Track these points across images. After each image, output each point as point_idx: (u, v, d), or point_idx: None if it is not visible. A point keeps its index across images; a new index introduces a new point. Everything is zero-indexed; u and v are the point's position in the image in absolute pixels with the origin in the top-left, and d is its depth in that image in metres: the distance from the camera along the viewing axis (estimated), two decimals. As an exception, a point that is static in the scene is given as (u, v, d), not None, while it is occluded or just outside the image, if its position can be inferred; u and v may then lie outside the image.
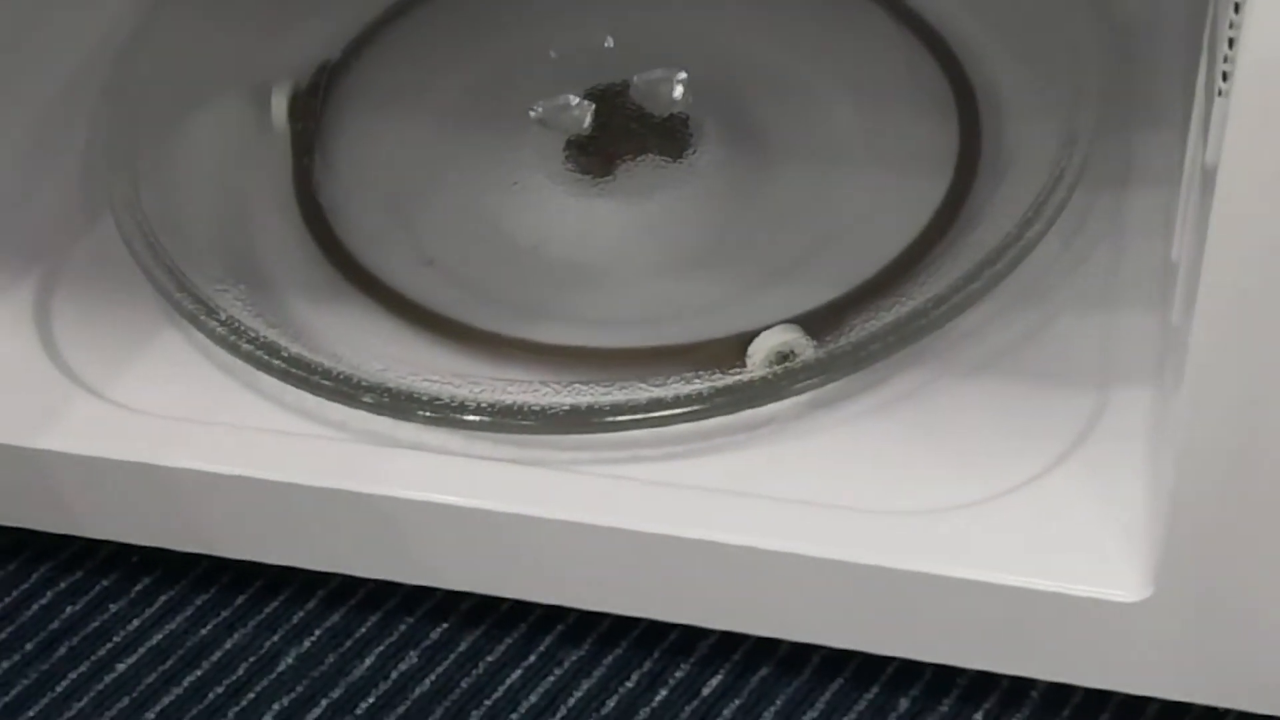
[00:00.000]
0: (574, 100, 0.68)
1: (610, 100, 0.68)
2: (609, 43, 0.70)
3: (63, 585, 0.62)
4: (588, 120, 0.67)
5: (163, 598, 0.61)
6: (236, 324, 0.59)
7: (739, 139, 0.67)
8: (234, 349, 0.59)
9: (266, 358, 0.58)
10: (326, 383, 0.57)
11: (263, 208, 0.66)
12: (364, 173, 0.67)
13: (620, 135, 0.67)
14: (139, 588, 0.61)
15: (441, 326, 0.61)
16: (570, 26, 0.71)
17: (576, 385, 0.57)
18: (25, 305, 0.62)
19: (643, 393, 0.57)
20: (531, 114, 0.68)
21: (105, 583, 0.62)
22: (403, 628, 0.60)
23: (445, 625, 0.60)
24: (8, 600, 0.61)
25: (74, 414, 0.59)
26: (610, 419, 0.56)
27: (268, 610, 0.61)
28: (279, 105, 0.69)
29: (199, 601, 0.61)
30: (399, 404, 0.57)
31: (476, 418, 0.56)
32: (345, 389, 0.57)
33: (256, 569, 0.61)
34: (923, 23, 0.70)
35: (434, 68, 0.71)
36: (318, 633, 0.60)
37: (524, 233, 0.64)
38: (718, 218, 0.65)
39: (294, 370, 0.58)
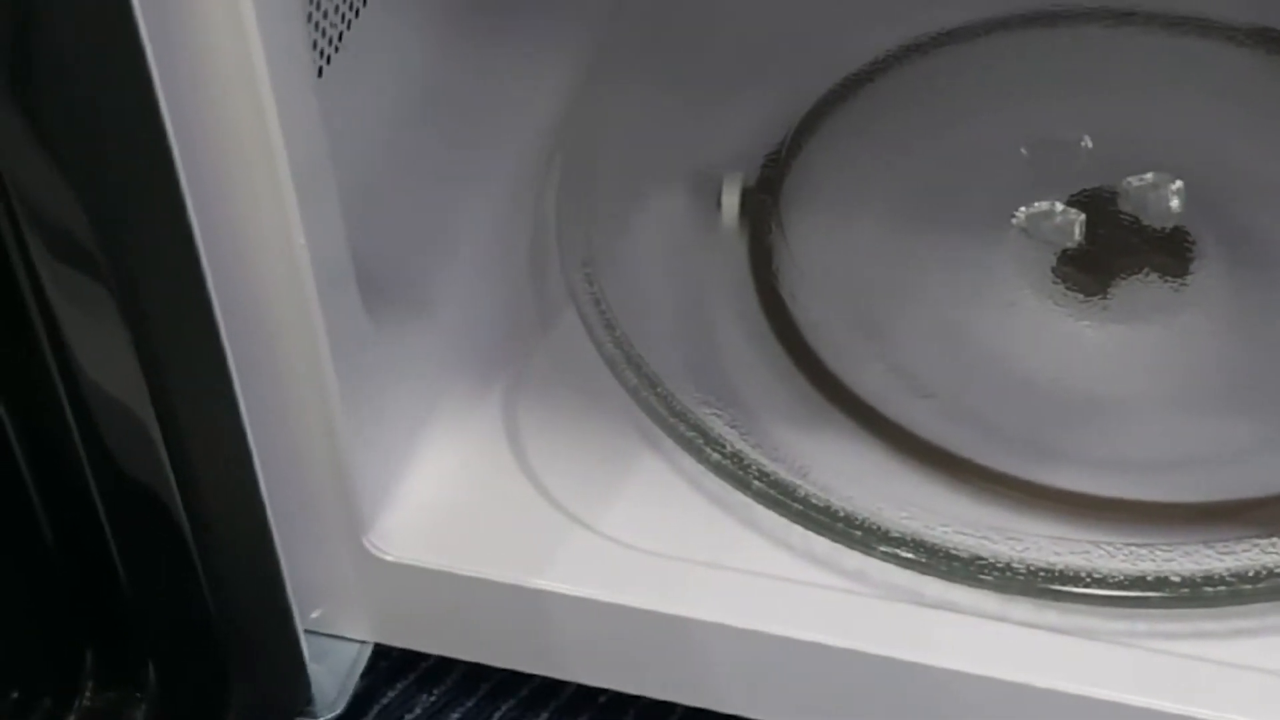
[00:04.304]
0: (1059, 207, 0.63)
1: (1099, 208, 0.63)
2: (1087, 142, 0.66)
3: (529, 728, 0.58)
4: (1078, 231, 0.62)
5: (638, 746, 0.57)
6: (741, 457, 0.55)
7: (1247, 256, 0.61)
8: (741, 484, 0.54)
9: (780, 497, 0.54)
10: (854, 531, 0.53)
11: (726, 317, 0.61)
12: (828, 282, 0.62)
13: (1116, 249, 0.62)
14: (611, 734, 0.58)
15: (955, 468, 0.55)
16: (1038, 119, 0.66)
17: (1133, 548, 0.52)
18: (496, 420, 0.58)
19: (1214, 561, 0.51)
20: (1013, 221, 0.63)
21: (574, 727, 0.58)
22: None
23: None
24: (471, 742, 0.58)
25: (569, 550, 0.54)
26: (1182, 593, 0.51)
27: (753, 767, 0.56)
28: (730, 203, 0.64)
29: (677, 752, 0.57)
30: (935, 560, 0.52)
31: (1034, 583, 0.51)
32: (872, 539, 0.53)
33: (738, 720, 0.57)
34: None
35: (886, 161, 0.66)
36: (814, 798, 0.56)
37: (1023, 359, 0.59)
38: (1235, 346, 0.59)
39: (812, 514, 0.53)
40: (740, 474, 0.55)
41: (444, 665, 0.59)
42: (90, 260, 0.43)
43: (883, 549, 0.52)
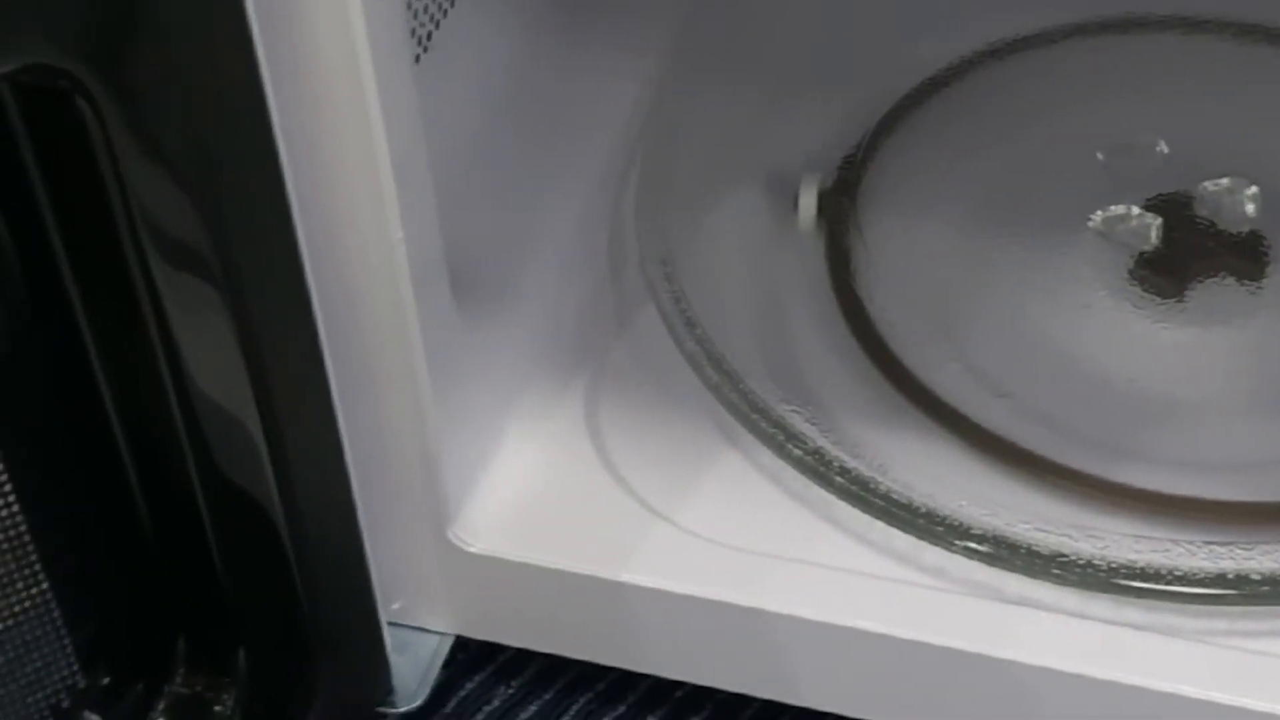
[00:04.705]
0: (1135, 211, 0.64)
1: (1175, 212, 0.63)
2: (1162, 147, 0.66)
3: (608, 720, 0.59)
4: (1154, 234, 0.63)
5: (716, 739, 0.58)
6: (823, 453, 0.55)
7: (1322, 262, 0.63)
8: (823, 480, 0.55)
9: (862, 493, 0.54)
10: (936, 527, 0.53)
11: (802, 316, 0.62)
12: (905, 282, 0.62)
13: (1192, 253, 0.62)
14: (689, 727, 0.58)
15: (1034, 467, 0.56)
16: (1113, 124, 0.66)
17: (1213, 547, 0.53)
18: (577, 415, 0.58)
19: (1293, 560, 0.52)
20: (1089, 224, 0.64)
21: (653, 720, 0.59)
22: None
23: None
24: (550, 733, 0.59)
25: (650, 544, 0.55)
26: (1262, 590, 0.51)
27: (828, 760, 0.57)
28: (807, 204, 0.64)
29: (756, 746, 0.58)
30: (1016, 556, 0.52)
31: (1110, 579, 0.51)
32: (955, 535, 0.53)
33: (814, 717, 0.56)
34: None
35: (962, 164, 0.66)
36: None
37: (1100, 360, 0.59)
38: (1311, 351, 0.60)
39: (895, 510, 0.54)
40: (822, 470, 0.55)
41: (522, 658, 0.59)
42: (201, 261, 0.43)
43: (965, 544, 0.53)
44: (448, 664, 0.58)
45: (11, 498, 0.42)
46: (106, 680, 0.47)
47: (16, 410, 0.43)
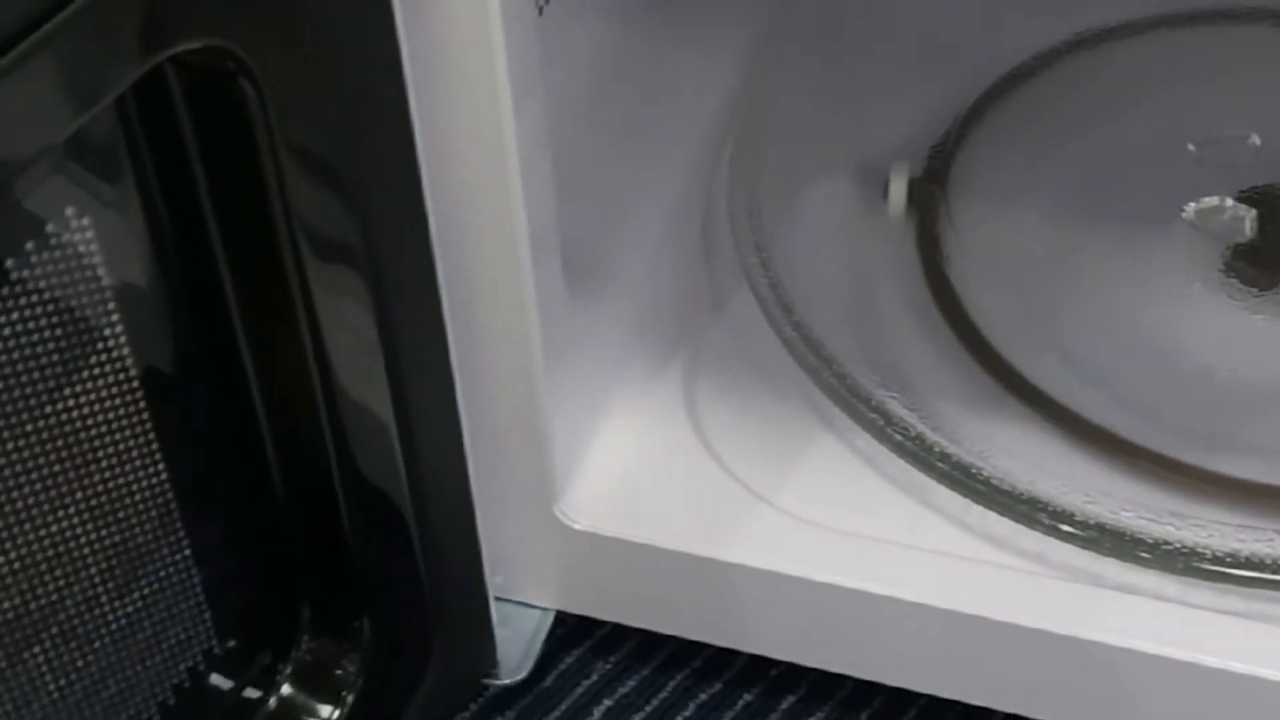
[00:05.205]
0: (1229, 203, 0.64)
1: (1270, 204, 0.64)
2: (1254, 140, 0.66)
3: (703, 697, 0.59)
4: (1249, 227, 0.63)
5: None
6: (924, 438, 0.56)
7: None
8: (925, 465, 0.55)
9: (964, 479, 0.55)
10: (1039, 514, 0.54)
11: (895, 303, 0.62)
12: (998, 270, 0.63)
13: (1286, 244, 0.63)
14: (784, 706, 0.58)
15: (1133, 456, 0.56)
16: (1203, 116, 0.66)
17: (1317, 537, 0.53)
18: (675, 397, 0.59)
19: (1397, 551, 0.53)
20: (1183, 215, 0.64)
21: (748, 697, 0.58)
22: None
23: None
24: (648, 709, 0.58)
25: (751, 524, 0.55)
26: (1364, 580, 0.52)
27: (923, 744, 0.57)
28: (897, 191, 0.65)
29: (850, 727, 0.58)
30: (1120, 543, 0.53)
31: (1214, 567, 0.52)
32: (1058, 521, 0.53)
33: (908, 697, 0.57)
34: None
35: (1051, 155, 0.67)
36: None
37: (1196, 350, 0.60)
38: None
39: (997, 496, 0.54)
40: (923, 455, 0.55)
41: (619, 634, 0.60)
42: (349, 252, 0.44)
43: (1068, 530, 0.53)
44: (546, 638, 0.60)
45: (161, 469, 0.43)
46: (235, 644, 0.48)
47: (169, 389, 0.44)
